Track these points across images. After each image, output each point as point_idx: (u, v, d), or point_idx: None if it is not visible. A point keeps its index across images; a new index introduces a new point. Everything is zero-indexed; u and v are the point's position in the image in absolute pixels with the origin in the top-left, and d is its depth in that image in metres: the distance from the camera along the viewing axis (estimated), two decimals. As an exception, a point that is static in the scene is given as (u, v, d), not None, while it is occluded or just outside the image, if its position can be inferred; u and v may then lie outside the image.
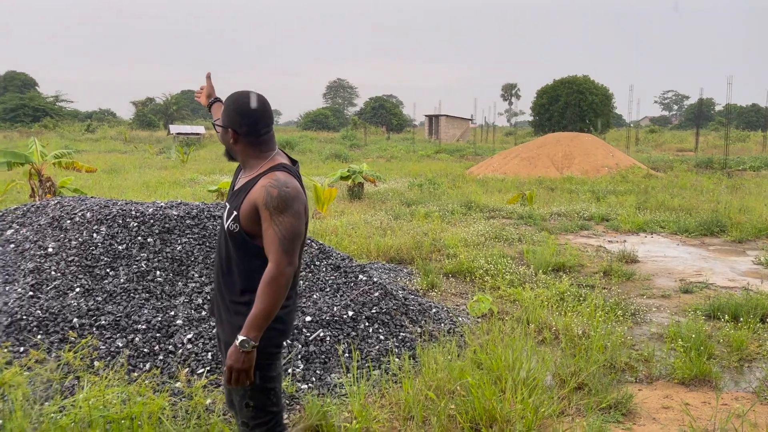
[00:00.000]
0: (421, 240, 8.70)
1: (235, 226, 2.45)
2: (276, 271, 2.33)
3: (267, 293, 2.32)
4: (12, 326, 4.18)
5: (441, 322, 5.38)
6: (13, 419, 3.00)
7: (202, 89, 3.17)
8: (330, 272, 5.64)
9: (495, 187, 16.80)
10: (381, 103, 65.34)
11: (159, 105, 61.34)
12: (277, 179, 2.40)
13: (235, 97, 2.52)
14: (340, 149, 30.04)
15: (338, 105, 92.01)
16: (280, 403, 2.58)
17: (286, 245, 2.35)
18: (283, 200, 2.36)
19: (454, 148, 36.16)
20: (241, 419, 2.56)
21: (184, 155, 24.07)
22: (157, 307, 4.61)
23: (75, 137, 38.95)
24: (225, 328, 2.54)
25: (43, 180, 10.48)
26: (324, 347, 4.59)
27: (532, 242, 9.21)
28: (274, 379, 2.54)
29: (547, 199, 14.47)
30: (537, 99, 49.50)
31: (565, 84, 47.46)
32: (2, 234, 5.53)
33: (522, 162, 21.10)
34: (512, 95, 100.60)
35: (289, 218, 2.36)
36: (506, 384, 3.79)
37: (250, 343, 2.31)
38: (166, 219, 5.37)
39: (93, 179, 15.90)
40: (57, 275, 4.69)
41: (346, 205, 13.13)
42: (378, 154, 30.58)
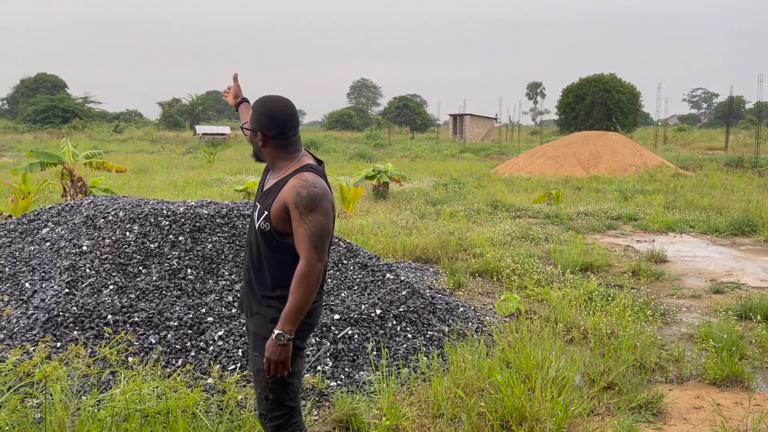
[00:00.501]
0: (447, 239, 8.70)
1: (266, 225, 2.55)
2: (307, 267, 2.44)
3: (300, 288, 2.43)
4: (49, 322, 4.29)
5: (468, 321, 5.38)
6: (53, 412, 3.09)
7: (229, 89, 3.26)
8: (357, 271, 5.67)
9: (521, 186, 16.70)
10: (405, 103, 65.31)
11: (185, 106, 62.09)
12: (306, 179, 2.50)
13: (263, 101, 2.60)
14: (365, 149, 30.10)
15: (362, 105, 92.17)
16: (297, 399, 2.68)
17: (316, 242, 2.46)
18: (312, 200, 2.47)
19: (479, 147, 36.00)
20: (260, 411, 2.68)
21: (210, 155, 24.34)
22: (188, 305, 4.69)
23: (103, 138, 39.65)
24: (256, 320, 2.63)
25: (75, 180, 10.70)
26: (352, 345, 4.62)
27: (559, 242, 9.16)
28: (294, 375, 2.63)
29: (574, 198, 14.35)
30: (563, 97, 49.02)
31: (592, 82, 46.92)
32: (38, 232, 5.68)
33: (548, 161, 20.94)
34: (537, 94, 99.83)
35: (318, 217, 2.47)
36: (535, 383, 3.78)
37: (286, 336, 2.43)
38: (197, 218, 5.45)
39: (122, 179, 16.18)
40: (91, 273, 4.80)
41: (372, 204, 13.18)
42: (402, 154, 30.60)
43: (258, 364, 2.60)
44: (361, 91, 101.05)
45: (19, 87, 61.64)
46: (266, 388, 2.59)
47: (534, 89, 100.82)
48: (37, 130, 44.75)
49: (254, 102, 2.65)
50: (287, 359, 2.45)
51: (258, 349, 2.60)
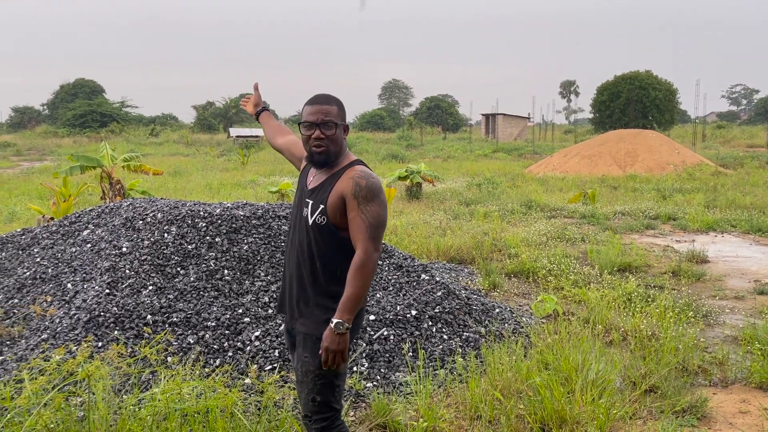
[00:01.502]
0: (481, 240, 8.63)
1: (322, 219, 2.56)
2: (365, 256, 2.46)
3: (357, 278, 2.45)
4: (91, 322, 4.37)
5: (505, 323, 5.33)
6: (96, 410, 3.14)
7: (249, 98, 3.29)
8: (392, 271, 5.66)
9: (555, 186, 16.49)
10: (437, 103, 65.08)
11: (219, 109, 62.89)
12: (363, 171, 2.56)
13: (336, 97, 2.67)
14: (397, 150, 30.09)
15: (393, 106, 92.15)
16: (341, 401, 2.68)
17: (373, 233, 2.48)
18: (371, 190, 2.50)
19: (512, 147, 35.67)
20: (305, 412, 2.67)
21: (244, 157, 24.60)
22: (225, 305, 4.73)
23: (140, 141, 40.41)
24: (306, 321, 2.62)
25: (113, 183, 10.92)
26: (388, 346, 4.61)
27: (595, 242, 9.00)
28: (341, 377, 2.63)
29: (610, 197, 14.11)
30: (597, 96, 48.26)
31: (627, 80, 46.09)
32: (79, 234, 5.80)
33: (583, 160, 20.63)
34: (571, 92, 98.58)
35: (375, 207, 2.50)
36: (575, 385, 3.72)
37: (345, 325, 2.43)
38: (233, 219, 5.51)
39: (159, 181, 16.46)
40: (131, 274, 4.88)
41: (405, 205, 13.15)
42: (435, 154, 30.50)
43: (307, 365, 2.59)
44: (392, 92, 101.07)
45: (58, 93, 63.19)
46: (314, 390, 2.59)
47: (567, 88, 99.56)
48: (76, 134, 45.83)
49: (329, 98, 2.64)
50: (345, 349, 2.46)
51: (308, 349, 2.59)
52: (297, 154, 2.99)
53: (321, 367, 2.55)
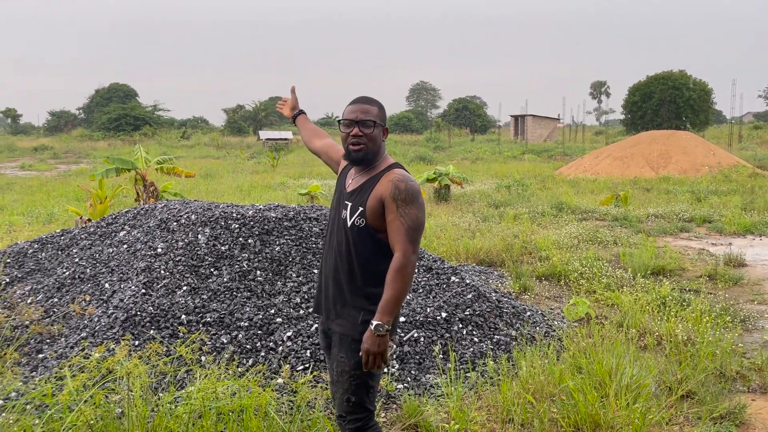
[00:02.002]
0: (511, 242, 8.58)
1: (361, 221, 2.59)
2: (404, 259, 2.47)
3: (396, 280, 2.46)
4: (128, 321, 4.46)
5: (536, 326, 5.28)
6: (134, 407, 3.20)
7: (285, 101, 3.32)
8: (422, 273, 5.66)
9: (586, 187, 16.30)
10: (464, 105, 64.82)
11: (248, 112, 63.55)
12: (403, 174, 2.58)
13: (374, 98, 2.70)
14: (425, 152, 30.06)
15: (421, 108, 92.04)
16: (374, 402, 2.71)
17: (412, 235, 2.50)
18: (410, 193, 2.52)
19: (542, 148, 35.34)
20: (339, 412, 2.69)
21: (274, 160, 24.83)
22: (258, 306, 4.79)
23: (172, 144, 41.06)
24: (343, 322, 2.64)
25: (147, 185, 11.13)
26: (418, 348, 4.61)
27: (628, 245, 8.88)
28: (375, 378, 2.66)
29: (643, 200, 13.89)
30: (629, 96, 47.56)
31: (660, 80, 45.33)
32: (116, 235, 5.92)
33: (614, 162, 20.35)
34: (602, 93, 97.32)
35: (414, 210, 2.52)
36: (609, 389, 3.67)
37: (384, 326, 2.45)
38: (265, 221, 5.57)
39: (191, 184, 16.71)
40: (166, 274, 4.97)
41: (433, 207, 13.13)
42: (463, 156, 30.39)
43: (343, 365, 2.61)
44: (420, 94, 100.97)
45: (94, 97, 64.53)
46: (348, 390, 2.61)
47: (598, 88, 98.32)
48: (111, 137, 46.75)
49: (370, 99, 2.68)
50: (385, 350, 2.48)
51: (344, 350, 2.61)
52: (334, 157, 3.02)
53: (356, 368, 2.57)
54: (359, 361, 2.55)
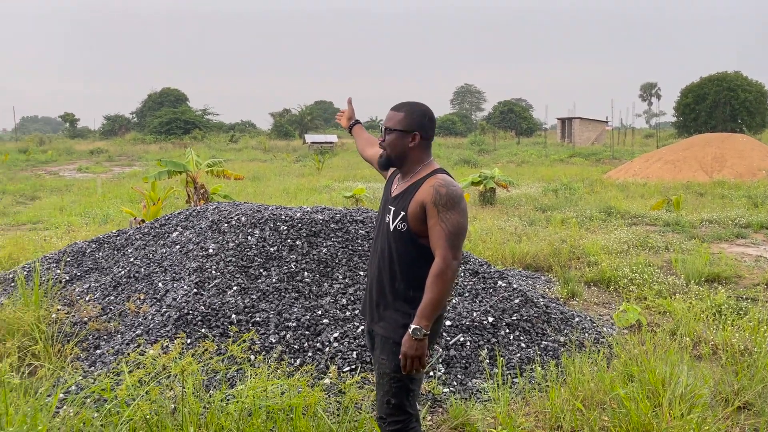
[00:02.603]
0: (558, 247, 8.45)
1: (402, 226, 2.62)
2: (443, 264, 2.48)
3: (436, 284, 2.48)
4: (180, 320, 4.58)
5: (585, 332, 5.20)
6: (186, 404, 3.29)
7: (343, 112, 3.41)
8: (468, 277, 5.64)
9: (636, 192, 15.92)
10: (510, 107, 64.14)
11: (294, 116, 64.36)
12: (444, 179, 2.59)
13: (418, 104, 2.73)
14: (469, 154, 29.87)
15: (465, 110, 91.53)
16: (415, 407, 2.72)
17: (453, 241, 2.51)
18: (451, 198, 2.53)
19: (589, 151, 34.67)
20: (379, 414, 2.73)
21: (319, 163, 25.08)
22: (305, 306, 4.85)
23: (220, 147, 41.88)
24: (385, 324, 2.69)
25: (198, 187, 11.39)
26: (465, 352, 4.60)
27: (680, 251, 8.64)
28: (416, 382, 2.69)
29: (696, 204, 13.49)
30: (681, 98, 46.24)
31: (714, 81, 43.94)
32: (169, 236, 6.09)
33: (666, 165, 19.82)
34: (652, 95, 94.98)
35: (455, 215, 2.52)
36: (662, 399, 3.59)
37: (422, 331, 2.47)
38: (313, 223, 5.64)
39: (239, 186, 17.03)
40: (217, 274, 5.09)
41: (478, 210, 13.04)
42: (508, 159, 30.08)
43: (384, 368, 2.65)
44: (464, 96, 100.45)
45: (146, 101, 66.40)
46: (389, 392, 2.65)
47: (648, 90, 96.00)
48: (162, 140, 47.98)
49: (404, 105, 2.73)
50: (423, 354, 2.50)
51: (385, 352, 2.65)
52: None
53: (397, 370, 2.61)
54: (400, 364, 2.58)
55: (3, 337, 4.68)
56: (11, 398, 3.43)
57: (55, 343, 4.70)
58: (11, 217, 12.55)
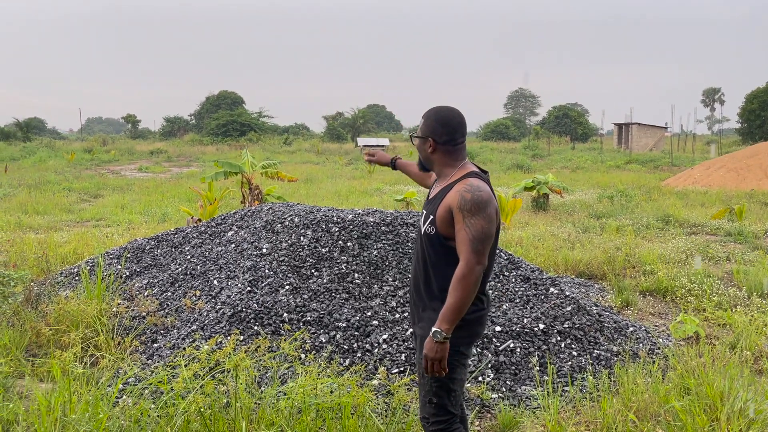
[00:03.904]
0: (613, 255, 8.27)
1: (431, 229, 2.68)
2: (466, 269, 2.51)
3: (457, 289, 2.52)
4: (234, 317, 4.70)
5: (640, 342, 5.07)
6: (239, 399, 3.38)
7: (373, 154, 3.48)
8: (519, 283, 5.58)
9: (696, 200, 15.41)
10: (565, 112, 63.03)
11: (347, 119, 64.90)
12: (471, 184, 2.60)
13: (436, 110, 2.77)
14: (522, 159, 29.49)
15: (519, 115, 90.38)
16: (458, 407, 2.76)
17: (476, 246, 2.53)
18: (476, 204, 2.55)
19: (647, 158, 33.72)
20: (422, 414, 2.77)
21: (371, 166, 25.22)
22: (355, 308, 4.90)
23: (274, 149, 42.64)
24: (423, 324, 2.75)
25: (253, 188, 11.63)
26: (514, 358, 4.55)
27: (743, 262, 8.32)
28: (457, 382, 2.72)
29: (761, 214, 12.95)
30: (746, 104, 44.58)
31: (782, 86, 42.18)
32: (224, 235, 6.25)
33: (728, 173, 19.11)
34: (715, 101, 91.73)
35: (480, 221, 2.54)
36: (720, 414, 3.47)
37: (443, 334, 2.52)
38: (364, 225, 5.70)
39: (292, 188, 17.31)
40: (270, 273, 5.19)
41: (531, 216, 12.88)
42: (562, 165, 29.56)
43: (423, 367, 2.69)
44: (518, 101, 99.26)
45: (204, 104, 68.16)
46: (430, 392, 2.69)
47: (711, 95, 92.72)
48: (219, 142, 49.17)
49: (427, 111, 2.80)
50: (443, 358, 2.54)
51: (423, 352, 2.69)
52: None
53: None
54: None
55: (67, 328, 4.90)
56: (74, 387, 3.60)
57: (116, 336, 4.90)
58: (76, 213, 13.11)
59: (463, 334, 2.66)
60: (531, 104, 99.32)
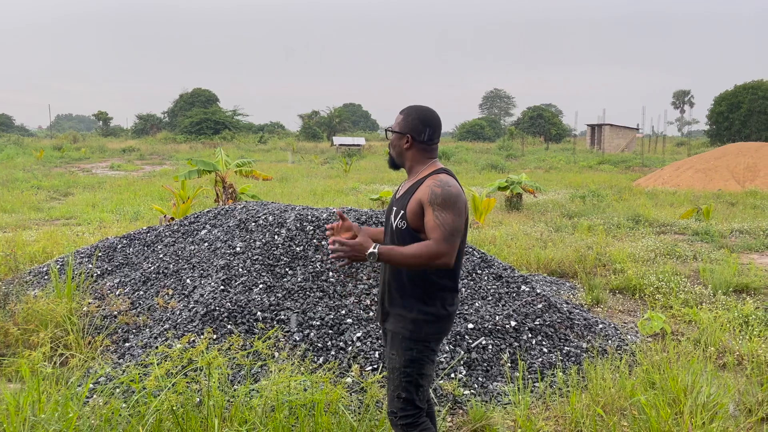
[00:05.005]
0: (584, 253, 8.40)
1: (402, 224, 2.73)
2: (435, 248, 2.55)
3: (417, 255, 2.55)
4: (207, 315, 4.69)
5: (608, 339, 5.18)
6: (212, 397, 3.38)
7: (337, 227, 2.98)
8: (492, 281, 5.65)
9: (666, 200, 15.72)
10: (539, 113, 63.69)
11: (323, 118, 64.74)
12: (440, 180, 2.68)
13: (418, 108, 2.83)
14: (497, 160, 29.76)
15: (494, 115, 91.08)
16: (425, 402, 2.81)
17: (448, 238, 2.59)
18: (446, 198, 2.62)
19: (619, 158, 34.27)
20: (390, 409, 2.82)
21: (347, 165, 25.22)
22: (329, 306, 4.92)
23: (249, 148, 42.35)
24: (393, 319, 2.79)
25: (227, 186, 11.57)
26: (486, 355, 4.61)
27: (709, 260, 8.52)
28: (425, 377, 2.77)
29: (727, 214, 13.27)
30: (715, 106, 45.54)
31: (749, 89, 43.17)
32: (198, 233, 6.22)
33: (697, 174, 19.53)
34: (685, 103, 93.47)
35: (450, 215, 2.60)
36: (684, 407, 3.57)
37: (376, 255, 2.56)
38: (338, 224, 5.71)
39: (267, 186, 17.23)
40: (244, 272, 5.18)
41: (504, 215, 13.01)
42: (536, 165, 29.89)
43: (393, 362, 2.75)
44: (493, 101, 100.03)
45: (177, 101, 67.30)
46: (399, 387, 2.74)
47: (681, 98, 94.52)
48: (192, 140, 48.66)
49: (406, 108, 2.85)
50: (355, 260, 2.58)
51: (395, 347, 2.75)
52: None
53: (406, 365, 2.71)
54: (409, 359, 2.70)
55: (36, 327, 4.83)
56: (44, 386, 3.56)
57: (86, 335, 4.85)
58: (45, 212, 12.89)
59: (433, 330, 2.71)
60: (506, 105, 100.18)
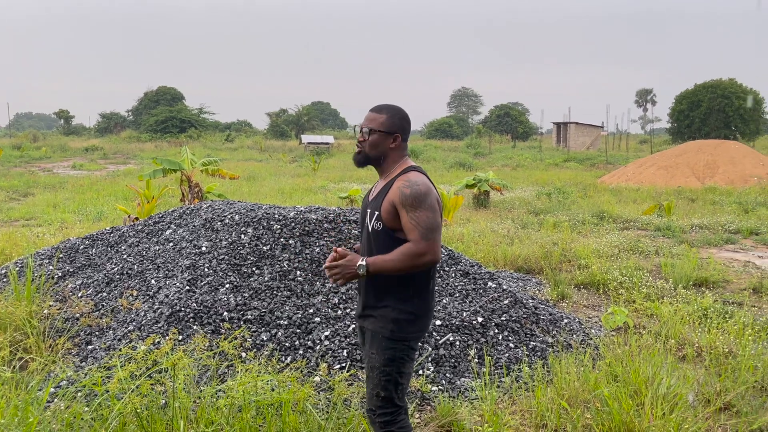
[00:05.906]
0: (550, 250, 8.53)
1: (378, 225, 2.73)
2: (416, 248, 2.58)
3: (402, 260, 2.58)
4: (172, 316, 4.63)
5: (573, 333, 5.27)
6: (177, 399, 3.34)
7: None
8: (459, 278, 5.70)
9: (629, 197, 16.04)
10: (506, 111, 64.29)
11: (291, 116, 64.29)
12: (408, 179, 2.69)
13: (396, 107, 2.85)
14: (465, 158, 29.97)
15: (462, 114, 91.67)
16: (404, 400, 2.82)
17: (426, 234, 2.61)
18: (416, 197, 2.63)
19: (584, 156, 34.85)
20: (369, 407, 2.83)
21: (315, 164, 25.12)
22: (297, 305, 4.90)
23: (216, 146, 41.86)
24: (374, 319, 2.78)
25: (192, 186, 11.42)
26: (454, 351, 4.65)
27: (670, 255, 8.73)
28: (405, 376, 2.78)
29: (687, 210, 13.61)
30: (675, 105, 46.57)
31: (708, 88, 44.27)
32: (162, 233, 6.13)
33: (659, 171, 19.96)
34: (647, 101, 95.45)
35: (423, 212, 2.62)
36: (645, 398, 3.65)
37: (365, 268, 2.60)
38: (306, 222, 5.69)
39: (234, 185, 17.06)
40: (209, 272, 5.13)
41: (472, 213, 13.12)
42: (503, 163, 30.19)
43: (373, 361, 2.75)
44: (461, 100, 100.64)
45: (142, 99, 66.13)
46: (378, 385, 2.74)
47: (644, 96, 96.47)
48: (158, 139, 47.86)
49: (384, 107, 2.83)
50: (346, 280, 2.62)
51: (375, 346, 2.75)
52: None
53: (386, 364, 2.72)
54: (389, 358, 2.70)
55: (-5, 331, 4.71)
56: (2, 391, 3.47)
57: (47, 338, 4.74)
58: (4, 213, 12.56)
59: (414, 329, 2.73)
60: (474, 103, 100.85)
